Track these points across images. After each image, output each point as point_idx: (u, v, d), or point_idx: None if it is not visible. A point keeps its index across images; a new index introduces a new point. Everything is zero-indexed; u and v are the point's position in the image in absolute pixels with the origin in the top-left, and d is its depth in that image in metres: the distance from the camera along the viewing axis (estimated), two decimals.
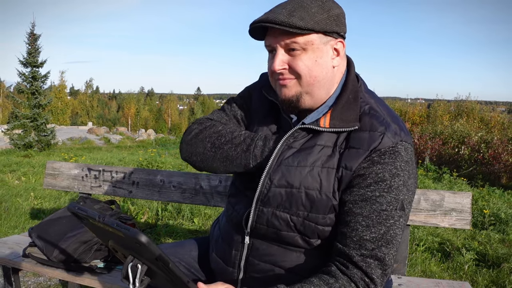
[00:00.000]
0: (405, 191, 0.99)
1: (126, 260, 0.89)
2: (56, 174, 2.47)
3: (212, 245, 1.27)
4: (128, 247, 0.88)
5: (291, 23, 0.96)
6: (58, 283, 2.70)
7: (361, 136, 1.02)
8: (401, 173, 0.99)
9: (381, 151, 0.99)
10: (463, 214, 1.76)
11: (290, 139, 1.09)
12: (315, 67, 1.02)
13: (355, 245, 0.98)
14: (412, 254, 3.33)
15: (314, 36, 1.00)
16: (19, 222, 4.08)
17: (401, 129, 1.03)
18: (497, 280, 2.87)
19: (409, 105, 24.39)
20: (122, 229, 0.81)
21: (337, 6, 1.03)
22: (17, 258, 1.95)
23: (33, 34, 16.51)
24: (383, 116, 1.04)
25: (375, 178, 0.98)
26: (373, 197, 0.98)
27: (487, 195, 5.77)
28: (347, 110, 1.05)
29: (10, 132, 15.88)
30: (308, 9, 0.98)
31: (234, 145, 1.14)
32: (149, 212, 4.16)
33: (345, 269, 0.98)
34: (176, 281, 0.86)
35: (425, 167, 8.55)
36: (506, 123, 17.39)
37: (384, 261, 0.97)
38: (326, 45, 1.02)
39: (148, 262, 0.86)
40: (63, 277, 1.85)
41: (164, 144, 21.32)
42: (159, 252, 0.80)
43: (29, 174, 6.96)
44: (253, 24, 1.01)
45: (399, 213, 0.99)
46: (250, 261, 1.12)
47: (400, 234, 1.00)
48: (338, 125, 1.04)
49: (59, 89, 49.18)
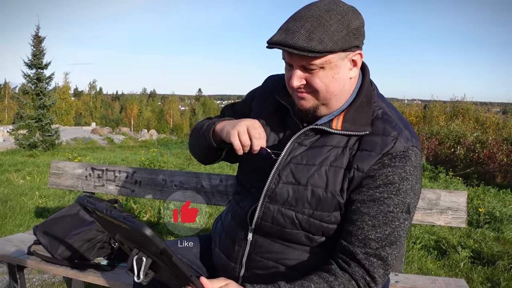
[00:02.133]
0: (412, 195, 1.00)
1: (131, 252, 0.90)
2: (60, 174, 2.47)
3: (215, 240, 1.27)
4: (134, 240, 0.89)
5: (310, 48, 0.93)
6: (62, 280, 2.70)
7: (374, 139, 1.02)
8: (410, 177, 0.99)
9: (392, 154, 0.99)
10: (459, 212, 1.76)
11: (301, 137, 1.09)
12: (332, 83, 1.00)
13: (360, 243, 0.98)
14: (409, 252, 3.34)
15: (332, 56, 0.97)
16: (24, 221, 4.08)
17: (412, 135, 1.04)
18: (492, 277, 2.88)
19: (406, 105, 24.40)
20: (128, 222, 0.81)
21: (356, 17, 0.98)
22: (22, 256, 1.95)
23: (37, 37, 16.53)
24: (396, 121, 1.05)
25: (384, 180, 0.99)
26: (381, 198, 0.99)
27: (482, 194, 5.78)
28: (360, 113, 1.05)
29: (15, 132, 15.90)
30: (327, 28, 0.94)
31: (201, 130, 1.20)
32: (151, 211, 4.16)
33: (346, 267, 0.98)
34: (179, 274, 0.86)
35: (422, 167, 8.55)
36: (501, 124, 17.39)
37: (387, 261, 0.98)
38: (344, 59, 1.00)
39: (152, 255, 0.87)
40: (67, 274, 1.85)
41: (166, 144, 21.32)
42: (163, 245, 0.80)
43: (33, 173, 6.96)
44: (271, 44, 0.97)
45: (405, 215, 0.99)
46: (253, 258, 1.12)
47: (404, 236, 1.01)
48: (350, 128, 1.04)
49: (63, 90, 49.20)
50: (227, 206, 1.30)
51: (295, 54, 0.96)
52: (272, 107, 1.18)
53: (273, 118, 1.17)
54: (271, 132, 1.16)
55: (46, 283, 2.67)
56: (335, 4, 0.97)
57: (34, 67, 16.35)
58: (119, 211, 2.08)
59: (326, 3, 0.97)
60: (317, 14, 0.95)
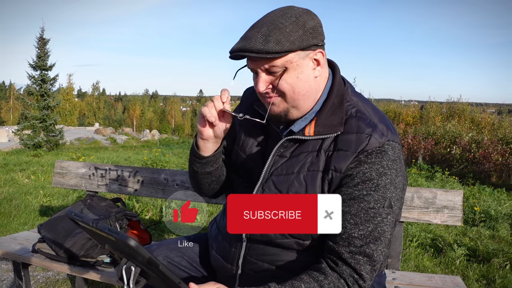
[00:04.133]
0: (392, 189, 0.99)
1: (120, 262, 0.90)
2: (64, 173, 2.47)
3: (211, 242, 1.26)
4: (121, 251, 0.89)
5: (267, 49, 0.93)
6: (66, 277, 2.70)
7: (348, 138, 1.01)
8: (388, 172, 0.98)
9: (368, 151, 0.98)
10: (455, 211, 1.76)
11: (280, 150, 1.09)
12: (297, 83, 1.00)
13: (344, 242, 0.98)
14: (406, 250, 3.34)
15: (292, 55, 0.97)
16: (28, 219, 4.08)
17: (388, 129, 1.03)
18: (487, 275, 2.88)
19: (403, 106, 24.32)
20: (113, 234, 0.82)
21: (311, 18, 0.99)
22: (26, 254, 1.95)
23: (42, 39, 16.51)
24: (370, 118, 1.04)
25: (362, 177, 0.98)
26: (360, 196, 0.98)
27: (477, 193, 5.77)
28: (331, 115, 1.04)
29: (20, 133, 15.89)
30: (282, 29, 0.95)
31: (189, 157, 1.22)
32: (153, 210, 4.16)
33: (334, 266, 0.98)
34: (168, 282, 0.86)
35: (418, 166, 8.55)
36: (496, 124, 17.35)
37: (373, 257, 0.97)
38: (305, 59, 1.00)
39: (140, 265, 0.87)
40: (71, 271, 1.85)
41: (168, 144, 21.29)
42: (149, 255, 0.80)
43: (38, 173, 6.96)
44: (232, 53, 0.98)
45: (387, 210, 0.98)
46: (248, 260, 1.12)
47: (389, 231, 0.99)
48: (322, 132, 1.03)
49: (67, 91, 49.21)
50: (222, 209, 1.30)
51: (255, 58, 0.97)
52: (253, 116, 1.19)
53: (254, 128, 1.18)
54: (254, 142, 1.17)
55: (50, 280, 2.66)
56: (289, 9, 1.00)
57: (38, 69, 16.33)
58: (120, 210, 2.08)
59: (281, 9, 1.00)
60: (273, 19, 0.97)
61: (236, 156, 1.20)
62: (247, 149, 1.17)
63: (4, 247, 2.00)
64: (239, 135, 1.21)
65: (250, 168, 1.15)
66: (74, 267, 1.84)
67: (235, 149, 1.21)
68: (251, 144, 1.17)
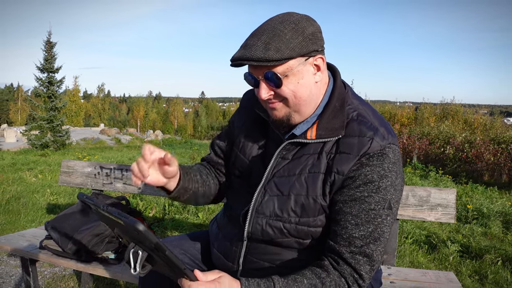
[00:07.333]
0: (392, 191, 0.99)
1: (128, 246, 0.90)
2: (71, 172, 2.47)
3: (213, 241, 1.26)
4: (130, 235, 0.88)
5: (267, 57, 0.92)
6: (73, 273, 2.70)
7: (350, 141, 1.00)
8: (389, 174, 0.98)
9: (370, 154, 0.98)
10: (448, 209, 1.76)
11: (283, 152, 1.09)
12: (298, 88, 0.99)
13: (344, 242, 0.98)
14: (401, 246, 3.33)
15: (292, 62, 0.96)
16: (36, 217, 4.08)
17: (389, 132, 1.02)
18: (479, 270, 2.87)
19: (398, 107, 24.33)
20: (122, 218, 0.81)
21: (311, 24, 0.98)
22: (34, 250, 1.95)
23: (49, 42, 16.52)
24: (371, 121, 1.03)
25: (364, 179, 0.98)
26: (362, 197, 0.98)
27: (470, 191, 5.77)
28: (333, 118, 1.03)
29: (28, 133, 15.91)
30: (282, 37, 0.93)
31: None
32: (156, 207, 4.16)
33: (336, 265, 0.98)
34: (174, 268, 0.86)
35: (413, 165, 8.55)
36: (488, 125, 17.35)
37: (372, 257, 0.97)
38: (306, 65, 0.98)
39: (148, 249, 0.87)
40: (77, 267, 1.85)
41: (171, 144, 21.28)
42: (156, 240, 0.80)
43: (45, 172, 6.96)
44: (233, 61, 0.97)
45: (387, 212, 0.98)
46: (249, 259, 1.12)
47: (388, 232, 0.99)
48: (323, 135, 1.03)
49: (73, 93, 49.25)
50: (222, 208, 1.30)
51: (256, 66, 0.97)
52: (252, 120, 1.18)
53: (255, 131, 1.17)
54: (254, 144, 1.16)
55: (57, 276, 2.66)
56: (289, 15, 0.98)
57: (46, 71, 16.33)
58: (124, 208, 2.08)
59: (280, 16, 0.99)
60: (272, 27, 0.95)
61: (236, 158, 1.19)
62: (247, 152, 1.16)
63: (12, 244, 2.01)
64: (238, 138, 1.20)
65: (250, 170, 1.14)
66: (80, 263, 1.84)
67: (235, 151, 1.20)
68: (251, 146, 1.16)
